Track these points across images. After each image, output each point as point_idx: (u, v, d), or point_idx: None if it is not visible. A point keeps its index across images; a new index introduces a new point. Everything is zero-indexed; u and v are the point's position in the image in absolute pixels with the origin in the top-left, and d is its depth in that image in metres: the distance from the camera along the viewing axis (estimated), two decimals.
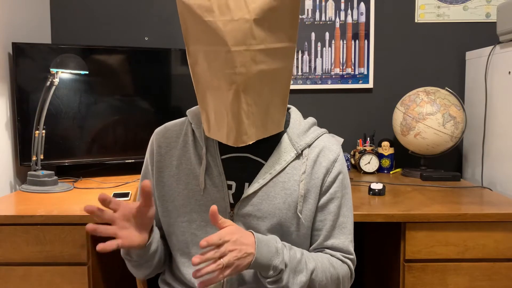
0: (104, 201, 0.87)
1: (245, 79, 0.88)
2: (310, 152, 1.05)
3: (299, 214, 1.02)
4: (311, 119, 1.11)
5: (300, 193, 1.02)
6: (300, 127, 1.07)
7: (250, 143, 0.95)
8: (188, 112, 1.11)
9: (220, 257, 0.87)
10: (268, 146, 1.04)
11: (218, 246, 0.87)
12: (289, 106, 1.09)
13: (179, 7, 0.89)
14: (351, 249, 1.07)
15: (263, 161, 1.04)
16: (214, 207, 0.89)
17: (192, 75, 0.95)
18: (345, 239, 1.06)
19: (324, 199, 1.05)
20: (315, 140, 1.06)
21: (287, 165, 1.03)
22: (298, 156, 1.04)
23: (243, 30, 0.85)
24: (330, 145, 1.07)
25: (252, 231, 0.96)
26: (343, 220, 1.06)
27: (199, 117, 1.06)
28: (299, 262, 0.97)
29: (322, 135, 1.09)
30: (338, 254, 1.05)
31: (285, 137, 1.05)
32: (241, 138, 0.94)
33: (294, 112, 1.11)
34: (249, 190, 1.01)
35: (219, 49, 0.87)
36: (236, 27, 0.85)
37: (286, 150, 1.04)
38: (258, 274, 0.98)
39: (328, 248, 1.06)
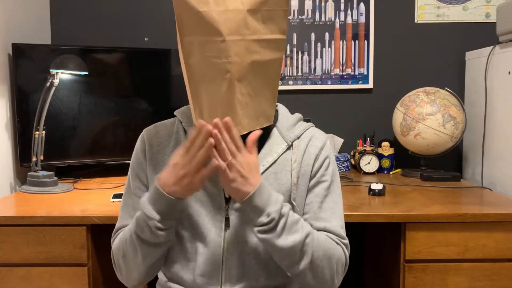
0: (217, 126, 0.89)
1: (240, 69, 0.90)
2: (300, 143, 1.08)
3: (293, 202, 1.03)
4: (298, 115, 1.14)
5: (293, 181, 1.03)
6: (289, 121, 1.11)
7: (243, 133, 0.96)
8: (176, 112, 1.12)
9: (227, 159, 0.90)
10: (259, 140, 1.04)
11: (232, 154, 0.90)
12: (277, 103, 1.11)
13: (175, 0, 0.90)
14: (343, 234, 1.07)
15: None
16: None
17: (185, 69, 0.95)
18: (336, 223, 1.06)
19: (312, 182, 1.06)
20: (304, 132, 1.10)
21: (278, 157, 1.05)
22: (289, 147, 1.07)
23: (237, 20, 0.88)
24: (318, 134, 1.11)
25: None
26: (332, 205, 1.06)
27: (190, 117, 1.07)
28: (296, 221, 0.96)
29: (310, 127, 1.12)
30: (332, 236, 1.04)
31: (274, 131, 1.08)
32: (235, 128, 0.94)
33: (282, 108, 1.14)
34: None
35: (214, 39, 0.88)
36: (230, 17, 0.88)
37: (277, 142, 1.06)
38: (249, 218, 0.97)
39: (320, 230, 1.05)
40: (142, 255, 0.99)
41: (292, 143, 1.07)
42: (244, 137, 0.96)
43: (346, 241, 1.06)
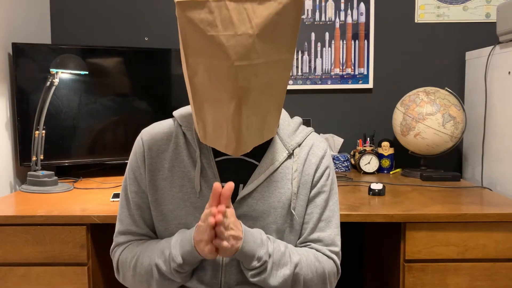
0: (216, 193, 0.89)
1: (246, 92, 0.88)
2: (301, 151, 1.08)
3: (293, 211, 1.04)
4: (298, 119, 1.14)
5: (293, 190, 1.04)
6: (290, 127, 1.10)
7: (248, 152, 0.96)
8: (175, 114, 1.10)
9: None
10: (260, 147, 1.04)
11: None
12: None
13: (180, 20, 0.87)
14: (338, 242, 1.08)
15: (256, 162, 1.05)
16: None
17: (189, 86, 0.94)
18: (331, 232, 1.07)
19: (312, 192, 1.07)
20: (304, 139, 1.09)
21: (279, 165, 1.05)
22: (290, 155, 1.07)
23: (246, 45, 0.85)
24: (318, 142, 1.11)
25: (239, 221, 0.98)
26: (329, 214, 1.08)
27: (189, 120, 1.07)
28: (283, 254, 0.99)
29: (310, 133, 1.12)
30: (324, 248, 1.06)
31: (276, 138, 1.08)
32: (240, 148, 0.94)
33: (282, 113, 1.12)
34: (244, 191, 1.02)
35: (222, 63, 0.86)
36: (239, 42, 0.84)
37: (278, 150, 1.06)
38: (241, 266, 0.99)
39: (314, 241, 1.07)
40: (157, 284, 1.01)
41: (293, 151, 1.07)
42: (247, 153, 1.00)
43: (338, 249, 1.08)
